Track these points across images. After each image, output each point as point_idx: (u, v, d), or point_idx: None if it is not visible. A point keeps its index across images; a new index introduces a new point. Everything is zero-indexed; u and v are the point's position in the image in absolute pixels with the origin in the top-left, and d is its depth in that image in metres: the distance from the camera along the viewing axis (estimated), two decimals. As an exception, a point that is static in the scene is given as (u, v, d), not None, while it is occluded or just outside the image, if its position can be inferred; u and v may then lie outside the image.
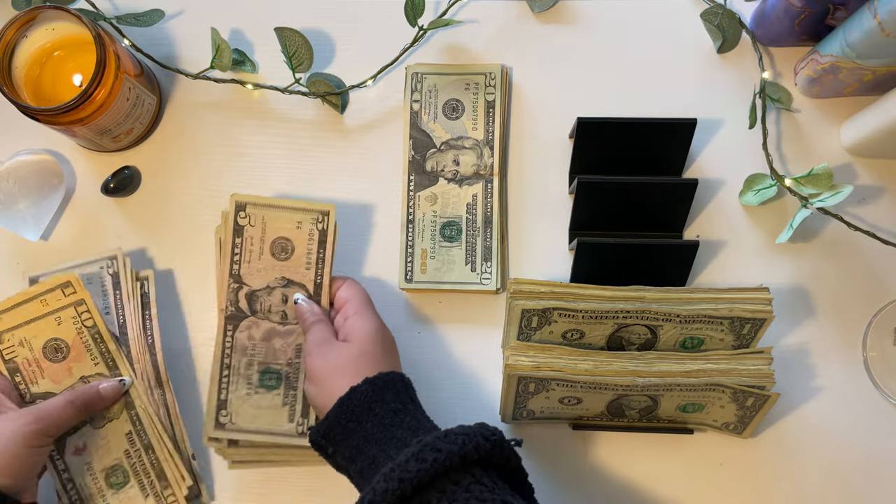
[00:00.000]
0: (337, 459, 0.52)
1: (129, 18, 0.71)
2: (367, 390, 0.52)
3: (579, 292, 0.59)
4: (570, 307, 0.59)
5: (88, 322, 0.62)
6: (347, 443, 0.51)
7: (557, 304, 0.59)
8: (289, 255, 0.63)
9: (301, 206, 0.63)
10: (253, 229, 0.62)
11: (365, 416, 0.51)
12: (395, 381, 0.54)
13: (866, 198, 0.69)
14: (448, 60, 0.72)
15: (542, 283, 0.59)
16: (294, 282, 0.62)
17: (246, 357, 0.62)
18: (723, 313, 0.58)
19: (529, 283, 0.59)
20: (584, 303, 0.59)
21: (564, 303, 0.59)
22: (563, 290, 0.59)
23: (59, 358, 0.62)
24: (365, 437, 0.51)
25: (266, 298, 0.62)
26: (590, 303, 0.59)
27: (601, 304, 0.59)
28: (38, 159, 0.71)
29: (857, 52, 0.62)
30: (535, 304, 0.58)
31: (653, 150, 0.67)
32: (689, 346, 0.62)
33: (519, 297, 0.59)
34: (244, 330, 0.62)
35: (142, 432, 0.62)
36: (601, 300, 0.59)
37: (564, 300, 0.59)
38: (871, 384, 0.66)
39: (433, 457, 0.45)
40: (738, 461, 0.65)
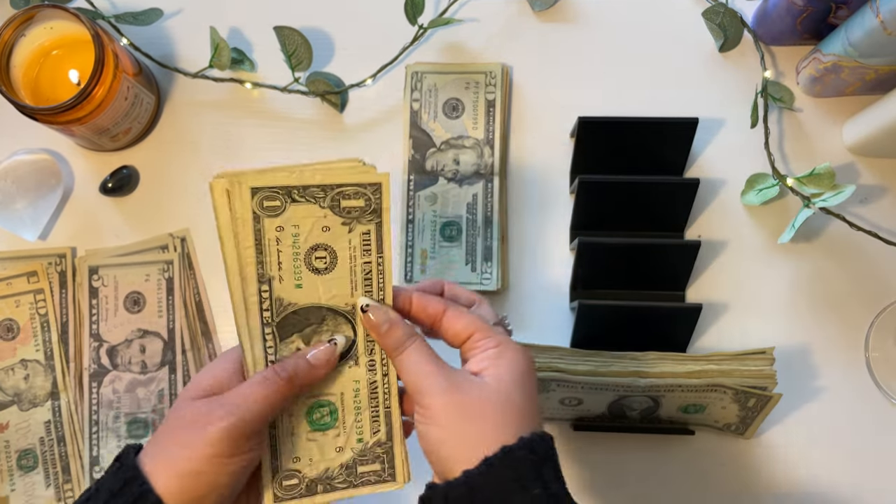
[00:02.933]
0: None
1: (127, 17, 0.70)
2: (524, 458, 0.40)
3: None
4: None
5: (42, 310, 0.67)
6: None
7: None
8: (141, 308, 0.66)
9: (148, 259, 0.66)
10: (107, 289, 0.66)
11: (518, 497, 0.39)
12: (552, 450, 0.42)
13: (868, 197, 0.69)
14: (448, 59, 0.72)
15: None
16: (149, 331, 0.66)
17: (112, 410, 0.65)
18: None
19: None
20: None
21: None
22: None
23: (10, 337, 0.66)
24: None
25: (125, 351, 0.66)
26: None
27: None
28: (37, 159, 0.71)
29: (859, 51, 0.62)
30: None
31: (654, 149, 0.66)
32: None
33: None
34: (108, 385, 0.66)
35: (59, 424, 0.66)
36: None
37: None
38: (873, 385, 0.66)
39: None
40: (739, 462, 0.65)
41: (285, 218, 0.43)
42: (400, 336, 0.45)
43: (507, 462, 0.39)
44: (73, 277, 0.68)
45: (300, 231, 0.44)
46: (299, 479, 0.46)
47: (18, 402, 0.66)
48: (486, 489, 0.39)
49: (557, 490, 0.40)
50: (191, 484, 0.40)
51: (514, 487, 0.39)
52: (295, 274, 0.45)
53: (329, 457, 0.47)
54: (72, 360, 0.67)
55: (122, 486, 0.41)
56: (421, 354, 0.44)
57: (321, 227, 0.44)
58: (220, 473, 0.41)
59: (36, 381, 0.66)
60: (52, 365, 0.66)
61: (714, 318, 0.67)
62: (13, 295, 0.67)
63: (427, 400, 0.42)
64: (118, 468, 0.42)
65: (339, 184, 0.44)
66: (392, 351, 0.45)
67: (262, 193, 0.43)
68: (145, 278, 0.67)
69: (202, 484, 0.41)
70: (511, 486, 0.39)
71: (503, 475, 0.39)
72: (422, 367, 0.43)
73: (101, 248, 0.69)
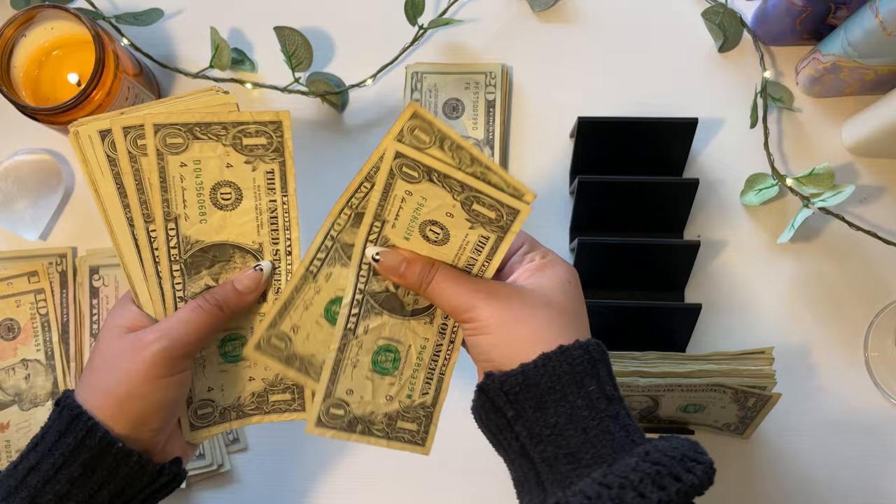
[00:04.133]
0: (515, 428, 0.40)
1: (128, 17, 0.70)
2: (581, 356, 0.40)
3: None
4: None
5: (43, 310, 0.66)
6: (540, 415, 0.39)
7: None
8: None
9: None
10: (107, 289, 0.66)
11: (574, 391, 0.39)
12: (606, 355, 0.42)
13: (868, 197, 0.69)
14: (448, 59, 0.72)
15: None
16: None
17: None
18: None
19: None
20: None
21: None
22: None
23: (10, 337, 0.66)
24: (570, 418, 0.39)
25: None
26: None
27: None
28: (37, 159, 0.71)
29: (858, 52, 0.62)
30: None
31: (654, 149, 0.66)
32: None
33: None
34: None
35: None
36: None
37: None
38: (872, 385, 0.66)
39: (675, 487, 0.35)
40: (739, 462, 0.65)
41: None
42: (420, 269, 0.44)
43: (564, 358, 0.40)
44: (74, 277, 0.68)
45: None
46: (345, 412, 0.47)
47: (19, 401, 0.66)
48: (541, 382, 0.39)
49: (611, 391, 0.40)
50: (132, 407, 0.42)
51: (568, 382, 0.39)
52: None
53: (378, 401, 0.48)
54: (72, 359, 0.67)
55: (67, 426, 0.42)
56: (448, 276, 0.44)
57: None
58: (158, 392, 0.43)
59: (37, 380, 0.66)
60: (52, 365, 0.67)
61: (714, 318, 0.67)
62: (14, 295, 0.67)
63: (471, 313, 0.42)
64: (60, 411, 0.43)
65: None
66: (419, 286, 0.44)
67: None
68: None
69: (143, 405, 0.43)
70: (566, 380, 0.39)
71: (559, 370, 0.39)
72: (455, 287, 0.43)
73: (101, 247, 0.69)
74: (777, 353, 0.59)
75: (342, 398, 0.47)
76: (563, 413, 0.39)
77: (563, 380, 0.40)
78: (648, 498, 0.35)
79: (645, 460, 0.36)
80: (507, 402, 0.40)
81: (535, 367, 0.40)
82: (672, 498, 0.35)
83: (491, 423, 0.42)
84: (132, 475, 0.43)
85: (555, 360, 0.40)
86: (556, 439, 0.39)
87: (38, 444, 0.43)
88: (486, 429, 0.43)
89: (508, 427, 0.40)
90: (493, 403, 0.41)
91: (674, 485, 0.35)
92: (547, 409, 0.39)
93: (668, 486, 0.35)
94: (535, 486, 0.39)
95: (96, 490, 0.42)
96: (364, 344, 0.47)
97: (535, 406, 0.40)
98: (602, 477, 0.36)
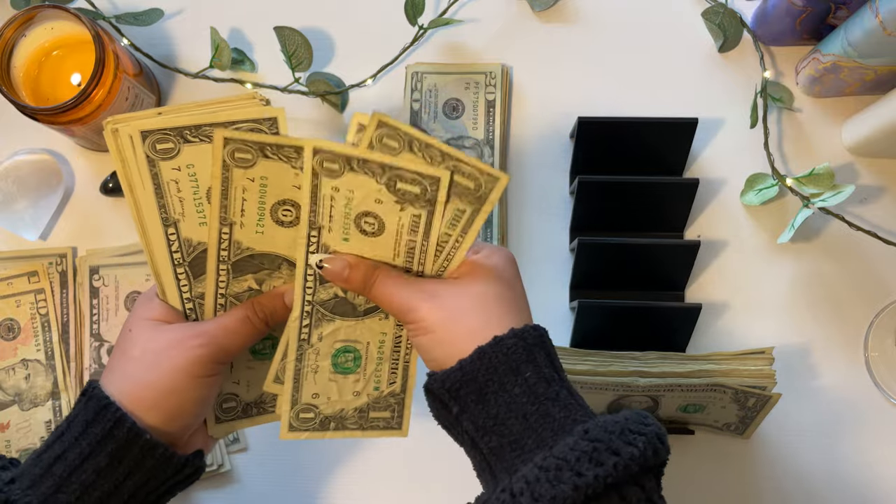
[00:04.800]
0: (462, 423, 0.41)
1: (128, 17, 0.70)
2: (514, 345, 0.41)
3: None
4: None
5: (43, 310, 0.66)
6: (482, 408, 0.40)
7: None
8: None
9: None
10: (107, 289, 0.65)
11: (510, 380, 0.40)
12: (544, 338, 0.43)
13: (868, 197, 0.69)
14: (448, 59, 0.72)
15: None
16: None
17: None
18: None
19: None
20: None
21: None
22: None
23: (10, 337, 0.66)
24: (509, 407, 0.40)
25: None
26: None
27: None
28: (37, 159, 0.71)
29: (858, 52, 0.62)
30: None
31: (654, 149, 0.66)
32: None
33: None
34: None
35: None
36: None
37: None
38: (872, 384, 0.66)
39: (612, 461, 0.36)
40: (739, 462, 0.65)
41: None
42: (364, 272, 0.45)
43: (498, 349, 0.41)
44: (74, 277, 0.68)
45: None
46: (315, 414, 0.49)
47: (19, 401, 0.66)
48: (479, 376, 0.41)
49: (549, 374, 0.41)
50: (171, 402, 0.43)
51: (504, 371, 0.41)
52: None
53: (346, 398, 0.49)
54: (72, 359, 0.67)
55: (94, 416, 0.42)
56: (390, 278, 0.45)
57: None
58: (196, 389, 0.44)
59: (37, 380, 0.66)
60: (52, 365, 0.67)
61: (714, 318, 0.67)
62: (14, 295, 0.67)
63: (413, 314, 0.43)
64: (87, 400, 0.43)
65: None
66: (363, 288, 0.45)
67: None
68: (146, 278, 0.67)
69: (181, 400, 0.44)
70: (502, 370, 0.41)
71: (495, 360, 0.41)
72: (397, 289, 0.44)
73: (101, 247, 0.69)
74: (777, 353, 0.59)
75: (309, 403, 0.49)
76: (503, 403, 0.40)
77: (499, 370, 0.41)
78: (585, 476, 0.35)
79: (583, 438, 0.37)
80: (451, 399, 0.41)
81: (471, 362, 0.41)
82: (610, 472, 0.35)
83: (443, 420, 0.44)
84: (157, 466, 0.43)
85: (489, 352, 0.41)
86: (499, 429, 0.40)
87: (65, 434, 0.43)
88: (441, 425, 0.44)
89: (457, 422, 0.42)
90: (439, 401, 0.42)
91: (611, 459, 0.36)
92: (488, 401, 0.40)
93: (605, 462, 0.36)
94: (489, 475, 0.40)
95: (122, 481, 0.42)
96: (321, 350, 0.48)
97: (477, 399, 0.41)
98: (542, 460, 0.37)
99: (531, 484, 0.36)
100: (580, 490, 0.35)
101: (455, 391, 0.41)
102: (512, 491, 0.37)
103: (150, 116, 0.44)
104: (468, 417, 0.41)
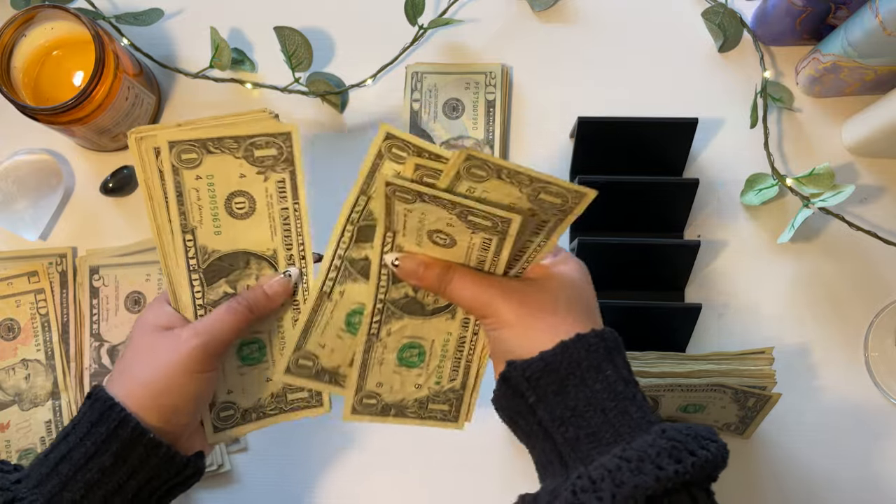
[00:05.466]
0: (538, 412, 0.42)
1: (128, 17, 0.70)
2: (596, 344, 0.42)
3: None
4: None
5: (43, 310, 0.66)
6: (561, 399, 0.41)
7: None
8: (142, 307, 0.66)
9: (148, 258, 0.66)
10: (107, 289, 0.66)
11: (592, 376, 0.41)
12: (621, 344, 0.44)
13: (868, 197, 0.69)
14: (448, 59, 0.72)
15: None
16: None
17: None
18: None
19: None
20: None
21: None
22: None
23: (10, 337, 0.66)
24: (589, 401, 0.41)
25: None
26: None
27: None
28: (37, 159, 0.71)
29: (858, 52, 0.62)
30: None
31: (654, 149, 0.66)
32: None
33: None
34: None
35: (60, 424, 0.66)
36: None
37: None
38: (872, 384, 0.66)
39: (690, 460, 0.37)
40: (739, 462, 0.65)
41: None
42: (438, 271, 0.46)
43: (581, 345, 0.42)
44: (74, 277, 0.68)
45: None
46: (377, 401, 0.51)
47: (19, 401, 0.66)
48: (561, 368, 0.42)
49: (627, 376, 0.43)
50: (168, 399, 0.45)
51: (587, 367, 0.42)
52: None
53: (408, 390, 0.51)
54: (72, 359, 0.67)
55: (99, 416, 0.44)
56: (466, 276, 0.46)
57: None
58: (192, 385, 0.45)
59: (37, 380, 0.66)
60: (52, 365, 0.66)
61: (714, 318, 0.67)
62: (14, 295, 0.67)
63: (489, 309, 0.45)
64: (92, 402, 0.45)
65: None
66: (438, 287, 0.46)
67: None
68: (146, 278, 0.68)
69: (177, 397, 0.45)
70: (585, 365, 0.42)
71: (577, 356, 0.42)
72: (474, 286, 0.45)
73: (101, 247, 0.69)
74: (777, 353, 0.59)
75: (373, 390, 0.51)
76: (583, 396, 0.41)
77: (581, 365, 0.42)
78: (665, 469, 0.36)
79: (662, 437, 0.38)
80: (530, 388, 0.42)
81: (554, 354, 0.42)
82: (688, 469, 0.37)
83: (512, 411, 0.44)
84: (160, 466, 0.44)
85: (572, 347, 0.42)
86: (577, 420, 0.41)
87: (70, 434, 0.44)
88: (507, 417, 0.45)
89: (531, 412, 0.42)
90: (515, 390, 0.43)
91: (689, 458, 0.37)
92: (567, 392, 0.41)
93: (683, 460, 0.37)
94: (559, 465, 0.41)
95: (125, 480, 0.43)
96: (388, 345, 0.50)
97: (556, 390, 0.42)
98: (622, 452, 0.38)
99: (612, 472, 0.37)
100: (661, 482, 0.36)
101: (535, 380, 0.42)
102: (591, 477, 0.38)
103: (171, 127, 0.47)
104: (545, 407, 0.42)
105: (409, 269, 0.46)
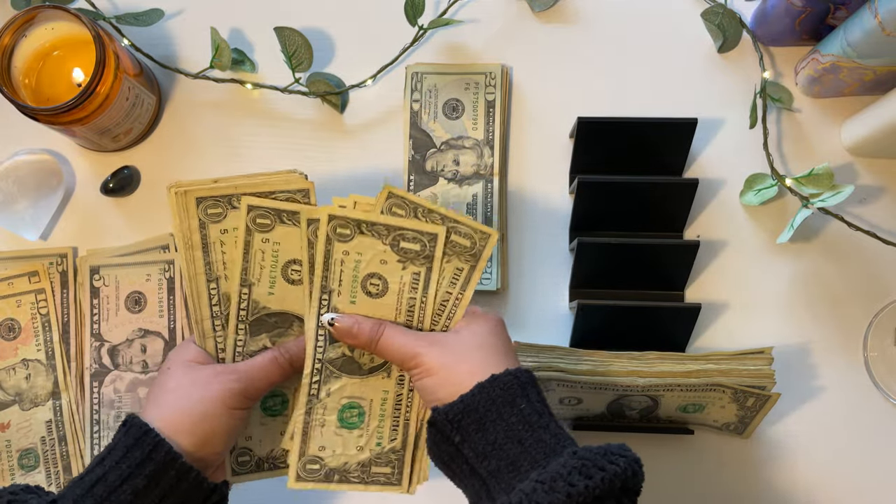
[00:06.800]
0: (463, 451, 0.46)
1: (128, 18, 0.70)
2: (510, 381, 0.46)
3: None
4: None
5: (43, 310, 0.67)
6: (482, 435, 0.45)
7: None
8: (142, 308, 0.66)
9: (149, 258, 0.67)
10: (108, 289, 0.66)
11: (507, 410, 0.45)
12: (535, 380, 0.48)
13: (867, 198, 0.69)
14: (448, 60, 0.72)
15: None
16: (150, 331, 0.66)
17: (114, 410, 0.66)
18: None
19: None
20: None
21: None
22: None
23: (11, 336, 0.66)
24: (507, 434, 0.45)
25: (126, 351, 0.66)
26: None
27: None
28: (38, 159, 0.71)
29: (857, 52, 0.62)
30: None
31: (653, 149, 0.66)
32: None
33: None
34: (109, 384, 0.66)
35: (60, 424, 0.66)
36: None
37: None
38: (871, 384, 0.66)
39: (600, 475, 0.40)
40: (738, 461, 0.65)
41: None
42: (370, 327, 0.51)
43: (496, 384, 0.46)
44: (75, 277, 0.68)
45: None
46: (320, 466, 0.53)
47: (20, 401, 0.66)
48: (479, 407, 0.46)
49: (541, 408, 0.46)
50: (205, 426, 0.48)
51: (502, 403, 0.46)
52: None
53: (350, 452, 0.53)
54: (73, 359, 0.67)
55: (135, 441, 0.46)
56: (395, 331, 0.51)
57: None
58: (227, 417, 0.49)
59: (37, 380, 0.66)
60: (53, 365, 0.67)
61: (713, 318, 0.67)
62: (14, 295, 0.67)
63: (417, 360, 0.49)
64: (127, 430, 0.47)
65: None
66: (370, 343, 0.51)
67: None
68: (146, 278, 0.68)
69: (214, 426, 0.48)
70: (500, 402, 0.46)
71: (493, 394, 0.46)
72: (402, 340, 0.50)
73: (102, 247, 0.69)
74: (777, 353, 0.60)
75: (315, 455, 0.53)
76: (501, 430, 0.45)
77: (497, 402, 0.46)
78: (576, 486, 0.40)
79: (573, 457, 0.42)
80: (453, 429, 0.46)
81: (471, 395, 0.46)
82: (598, 484, 0.40)
83: (443, 453, 0.47)
84: (190, 490, 0.46)
85: (488, 387, 0.46)
86: (497, 453, 0.44)
87: (105, 458, 0.46)
88: (439, 461, 0.48)
89: (458, 452, 0.46)
90: (442, 434, 0.46)
91: (598, 473, 0.41)
92: (487, 429, 0.45)
93: (593, 475, 0.41)
94: (486, 498, 0.44)
95: (157, 502, 0.45)
96: (328, 405, 0.53)
97: (477, 428, 0.45)
98: (538, 476, 0.41)
99: (528, 495, 0.41)
100: (572, 498, 0.40)
101: (457, 421, 0.46)
102: (511, 503, 0.41)
103: (207, 184, 0.51)
104: (469, 445, 0.45)
105: (345, 327, 0.51)
